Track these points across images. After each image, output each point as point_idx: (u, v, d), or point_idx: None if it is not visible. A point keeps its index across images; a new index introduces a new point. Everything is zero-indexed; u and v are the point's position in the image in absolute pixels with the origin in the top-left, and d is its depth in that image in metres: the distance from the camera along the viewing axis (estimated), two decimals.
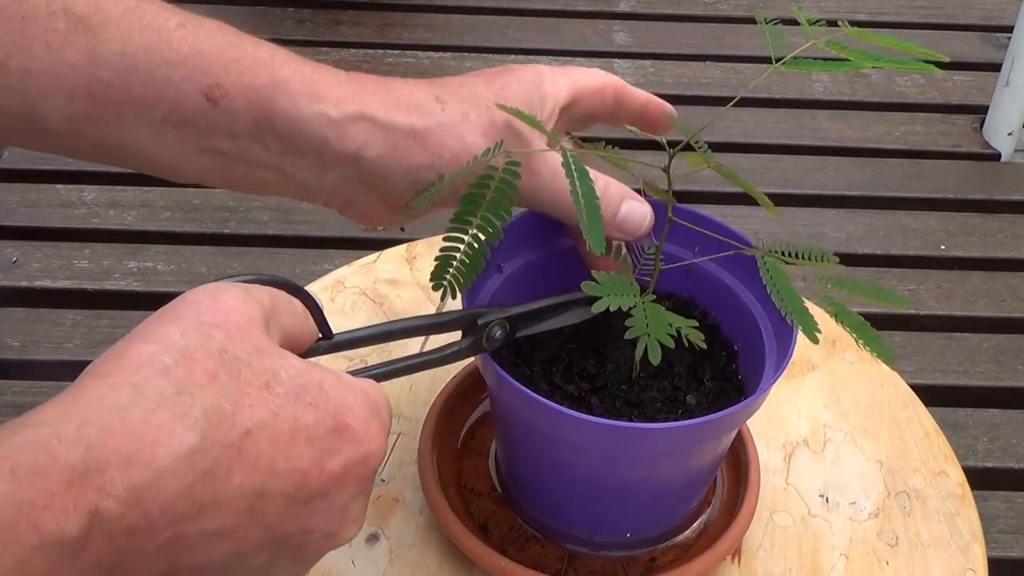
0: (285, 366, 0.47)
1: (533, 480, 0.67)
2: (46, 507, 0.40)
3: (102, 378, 0.44)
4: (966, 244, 1.41)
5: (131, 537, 0.42)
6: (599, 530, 0.66)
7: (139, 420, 0.42)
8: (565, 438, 0.60)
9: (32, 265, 1.28)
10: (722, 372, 0.66)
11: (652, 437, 0.59)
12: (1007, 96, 1.54)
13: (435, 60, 1.66)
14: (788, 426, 0.77)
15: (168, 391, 0.43)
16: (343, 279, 0.86)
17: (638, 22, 1.78)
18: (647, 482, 0.63)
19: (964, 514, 0.73)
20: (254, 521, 0.45)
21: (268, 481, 0.45)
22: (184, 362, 0.44)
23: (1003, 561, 1.06)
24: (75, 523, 0.40)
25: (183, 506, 0.43)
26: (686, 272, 0.68)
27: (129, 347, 0.45)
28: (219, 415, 0.44)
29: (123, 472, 0.41)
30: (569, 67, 0.66)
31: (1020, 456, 1.15)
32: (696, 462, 0.64)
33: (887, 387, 0.81)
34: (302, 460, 0.46)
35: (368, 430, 0.49)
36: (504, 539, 0.68)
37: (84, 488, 0.40)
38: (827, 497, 0.73)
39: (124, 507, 0.41)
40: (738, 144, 1.54)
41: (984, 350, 1.26)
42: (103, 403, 0.43)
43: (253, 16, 1.69)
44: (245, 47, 0.58)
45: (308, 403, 0.47)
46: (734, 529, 0.66)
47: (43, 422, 0.42)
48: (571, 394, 0.63)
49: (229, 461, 0.44)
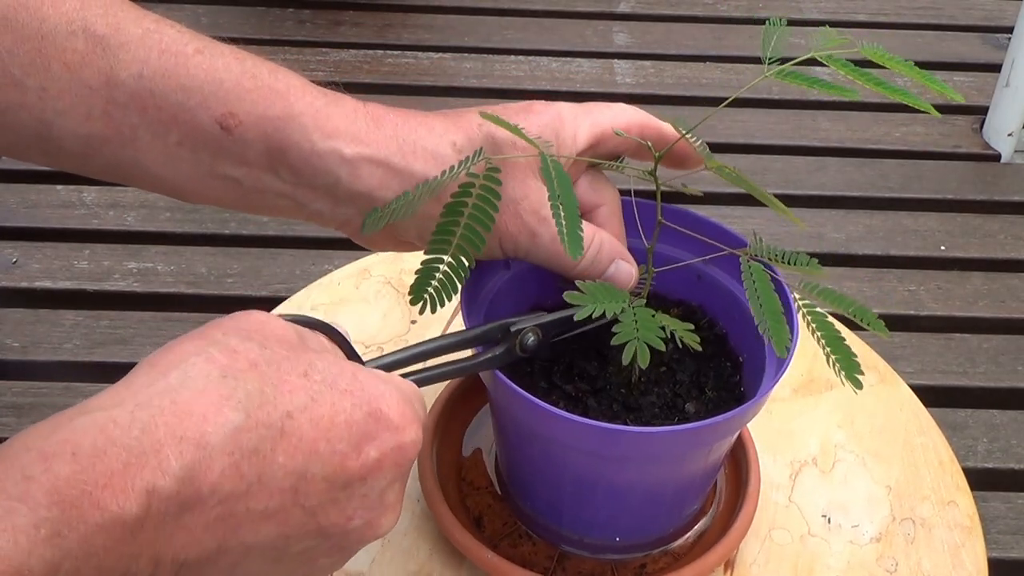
0: (320, 359, 0.50)
1: (526, 477, 0.67)
2: (106, 487, 0.42)
3: (152, 367, 0.47)
4: (966, 245, 1.41)
5: (183, 515, 0.44)
6: (589, 532, 0.66)
7: (187, 400, 0.45)
8: (554, 437, 0.60)
9: (32, 266, 1.28)
10: (725, 383, 0.65)
11: (637, 440, 0.58)
12: (1007, 97, 1.54)
13: (435, 61, 1.66)
14: (797, 443, 0.76)
15: (214, 374, 0.46)
16: (370, 267, 0.86)
17: (638, 23, 1.78)
18: (635, 486, 0.63)
19: (970, 546, 0.71)
20: (297, 503, 0.47)
21: (310, 463, 0.47)
22: (227, 352, 0.47)
23: (1003, 561, 1.06)
24: (134, 502, 0.42)
25: (231, 484, 0.45)
26: (698, 279, 0.68)
27: (175, 344, 0.48)
28: (261, 397, 0.46)
29: (176, 451, 0.44)
30: (593, 106, 0.64)
31: (1020, 456, 1.15)
32: (687, 469, 0.63)
33: (905, 411, 0.79)
34: (341, 443, 0.48)
35: (403, 418, 0.51)
36: (496, 534, 0.68)
37: (141, 468, 0.43)
38: (829, 518, 0.72)
39: (179, 484, 0.43)
40: (738, 144, 1.54)
41: (984, 351, 1.26)
42: (153, 388, 0.45)
43: (253, 16, 1.69)
44: (262, 76, 0.58)
45: (344, 390, 0.49)
46: (727, 540, 0.66)
47: (99, 407, 0.44)
48: (568, 394, 0.63)
49: (272, 441, 0.46)
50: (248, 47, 0.60)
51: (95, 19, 0.56)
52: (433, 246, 0.57)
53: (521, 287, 0.67)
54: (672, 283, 0.66)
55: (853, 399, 0.79)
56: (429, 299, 0.58)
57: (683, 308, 0.68)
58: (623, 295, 0.58)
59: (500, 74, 1.64)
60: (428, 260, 0.58)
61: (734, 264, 0.64)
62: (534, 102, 0.63)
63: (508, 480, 0.69)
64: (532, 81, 1.63)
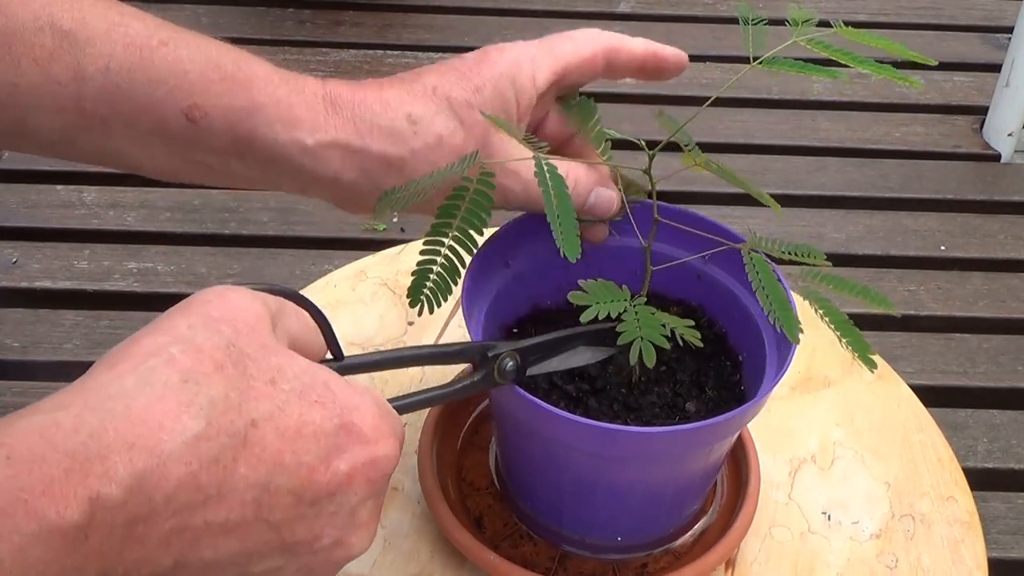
0: (291, 364, 0.47)
1: (527, 477, 0.66)
2: (43, 493, 0.39)
3: (109, 368, 0.44)
4: (966, 245, 1.41)
5: (133, 526, 0.41)
6: (590, 532, 0.66)
7: (143, 407, 0.42)
8: (556, 438, 0.60)
9: (32, 266, 1.28)
10: (725, 382, 0.65)
11: (639, 440, 0.58)
12: (1007, 97, 1.54)
13: (435, 60, 1.66)
14: (796, 441, 0.76)
15: (174, 379, 0.43)
16: (366, 268, 0.86)
17: (638, 23, 1.78)
18: (636, 487, 0.63)
19: (970, 542, 0.71)
20: (260, 517, 0.45)
21: (274, 475, 0.45)
22: (191, 352, 0.44)
23: (1003, 562, 1.06)
24: (75, 510, 0.39)
25: (187, 495, 0.42)
26: (697, 279, 0.68)
27: (137, 339, 0.45)
28: (225, 403, 0.44)
29: (125, 458, 0.41)
30: (556, 38, 0.64)
31: (1020, 456, 1.15)
32: (687, 469, 0.63)
33: (903, 409, 0.79)
34: (308, 455, 0.46)
35: (377, 431, 0.48)
36: (497, 535, 0.68)
37: (84, 475, 0.40)
38: (829, 515, 0.72)
39: (127, 493, 0.41)
40: (738, 144, 1.54)
41: (984, 351, 1.26)
42: (107, 390, 0.43)
43: (253, 16, 1.69)
44: (226, 67, 0.58)
45: (314, 400, 0.46)
46: (728, 539, 0.66)
47: (43, 410, 0.42)
48: (569, 394, 0.63)
49: (234, 451, 0.44)
50: (248, 47, 0.60)
51: (61, 14, 0.56)
52: (427, 247, 0.58)
53: (521, 286, 0.67)
54: (671, 282, 0.66)
55: (851, 397, 0.79)
56: (425, 300, 0.58)
57: (682, 307, 0.68)
58: (624, 294, 0.58)
59: None
60: (423, 262, 0.58)
61: (733, 263, 0.64)
62: (489, 49, 0.63)
63: (508, 480, 0.69)
64: None
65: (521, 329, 0.67)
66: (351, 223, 1.36)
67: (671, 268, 0.66)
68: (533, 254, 0.67)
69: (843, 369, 0.80)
